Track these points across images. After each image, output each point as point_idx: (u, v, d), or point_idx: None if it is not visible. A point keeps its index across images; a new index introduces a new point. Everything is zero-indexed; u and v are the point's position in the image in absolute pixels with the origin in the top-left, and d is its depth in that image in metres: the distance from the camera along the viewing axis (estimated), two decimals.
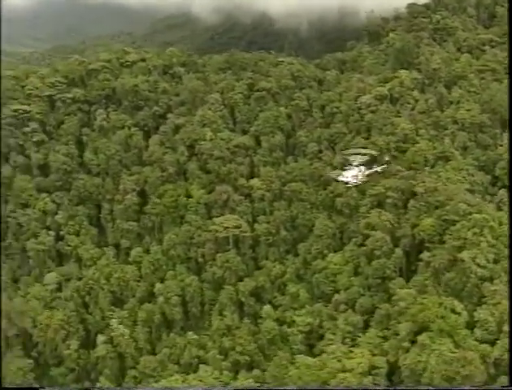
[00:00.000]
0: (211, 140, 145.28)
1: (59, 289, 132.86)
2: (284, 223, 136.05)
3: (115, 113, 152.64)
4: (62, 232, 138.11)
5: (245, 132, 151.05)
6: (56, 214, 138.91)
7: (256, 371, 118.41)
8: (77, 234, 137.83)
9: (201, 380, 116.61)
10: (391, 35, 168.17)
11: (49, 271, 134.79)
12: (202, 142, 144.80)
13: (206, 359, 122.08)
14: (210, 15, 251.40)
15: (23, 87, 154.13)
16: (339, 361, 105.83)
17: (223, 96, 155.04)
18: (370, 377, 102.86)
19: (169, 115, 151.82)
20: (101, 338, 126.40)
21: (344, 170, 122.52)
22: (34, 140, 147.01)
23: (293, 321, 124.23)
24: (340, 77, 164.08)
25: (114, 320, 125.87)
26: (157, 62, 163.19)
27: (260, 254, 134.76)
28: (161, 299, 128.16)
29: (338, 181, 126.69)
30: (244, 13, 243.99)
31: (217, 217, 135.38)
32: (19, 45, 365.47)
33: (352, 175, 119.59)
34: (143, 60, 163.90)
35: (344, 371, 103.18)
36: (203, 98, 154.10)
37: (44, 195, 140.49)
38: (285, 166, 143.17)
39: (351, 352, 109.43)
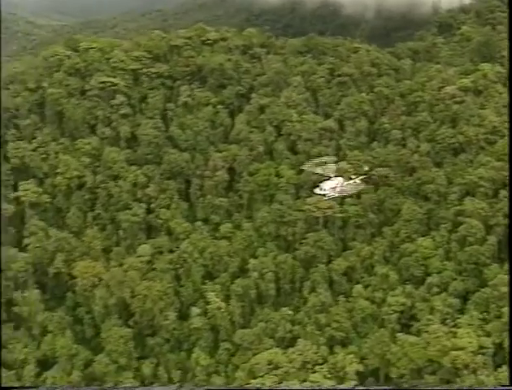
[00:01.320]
0: (298, 121, 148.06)
1: (151, 261, 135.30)
2: (371, 206, 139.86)
3: (200, 90, 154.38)
4: (152, 205, 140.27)
5: (327, 116, 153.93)
6: (147, 186, 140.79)
7: (352, 347, 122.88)
8: (168, 207, 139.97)
9: (301, 354, 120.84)
10: (464, 27, 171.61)
11: (139, 243, 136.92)
12: (289, 123, 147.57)
13: (299, 334, 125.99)
14: None
15: (107, 59, 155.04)
16: (448, 340, 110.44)
17: (305, 79, 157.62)
18: (480, 356, 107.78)
19: (252, 95, 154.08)
20: (195, 310, 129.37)
21: (322, 181, 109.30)
22: (121, 112, 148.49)
23: (383, 301, 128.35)
24: (414, 67, 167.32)
25: (211, 293, 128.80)
26: (237, 42, 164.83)
27: (348, 236, 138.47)
28: (255, 274, 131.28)
29: (315, 194, 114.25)
30: None
31: (306, 197, 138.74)
32: (46, 18, 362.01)
33: (330, 187, 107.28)
34: (223, 39, 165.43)
35: (455, 350, 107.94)
36: (286, 80, 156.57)
37: (134, 168, 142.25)
38: (370, 151, 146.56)
39: (453, 332, 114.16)
